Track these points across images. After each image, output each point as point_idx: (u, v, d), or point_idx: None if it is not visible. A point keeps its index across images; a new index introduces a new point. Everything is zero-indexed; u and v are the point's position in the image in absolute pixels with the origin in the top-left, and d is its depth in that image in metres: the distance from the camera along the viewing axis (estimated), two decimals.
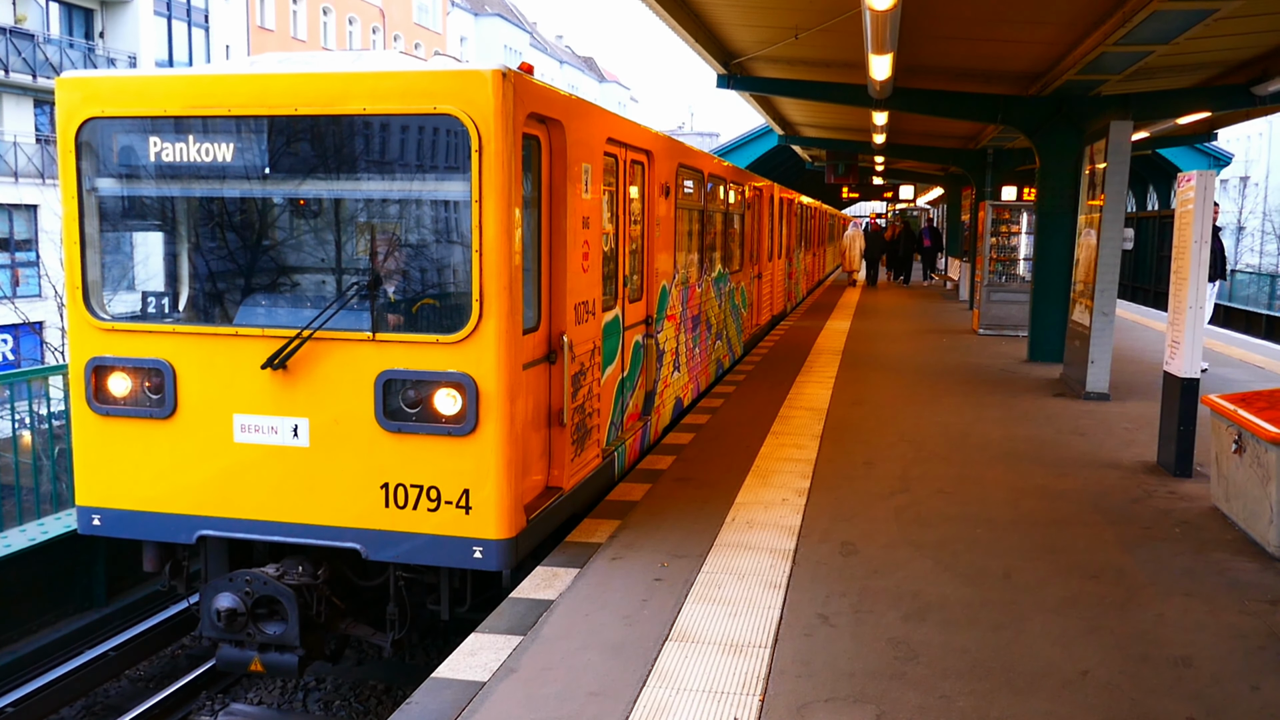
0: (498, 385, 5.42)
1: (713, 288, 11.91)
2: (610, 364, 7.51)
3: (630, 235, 8.15)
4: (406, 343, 5.53)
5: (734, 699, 4.37)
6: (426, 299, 5.89)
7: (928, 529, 6.74)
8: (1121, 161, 11.37)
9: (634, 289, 8.32)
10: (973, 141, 24.47)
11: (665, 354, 9.34)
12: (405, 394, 5.53)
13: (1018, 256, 19.40)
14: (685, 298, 10.20)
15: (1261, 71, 13.76)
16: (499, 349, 5.41)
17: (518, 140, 5.47)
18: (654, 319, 8.79)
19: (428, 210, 5.83)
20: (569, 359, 6.33)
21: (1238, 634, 5.13)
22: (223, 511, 5.81)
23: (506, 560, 5.55)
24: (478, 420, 5.43)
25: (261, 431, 5.71)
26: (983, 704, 4.36)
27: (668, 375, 9.52)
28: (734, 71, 16.13)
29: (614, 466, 7.67)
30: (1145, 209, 36.69)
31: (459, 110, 5.31)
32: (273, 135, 5.70)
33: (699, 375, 11.27)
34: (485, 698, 4.39)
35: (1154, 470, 8.41)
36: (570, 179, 6.34)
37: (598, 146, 6.93)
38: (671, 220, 9.35)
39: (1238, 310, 29.89)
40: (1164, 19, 10.00)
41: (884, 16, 9.42)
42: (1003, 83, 15.27)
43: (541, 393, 6.22)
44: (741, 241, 14.30)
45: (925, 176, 36.73)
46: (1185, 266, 8.22)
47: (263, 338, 5.67)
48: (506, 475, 5.51)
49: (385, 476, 5.59)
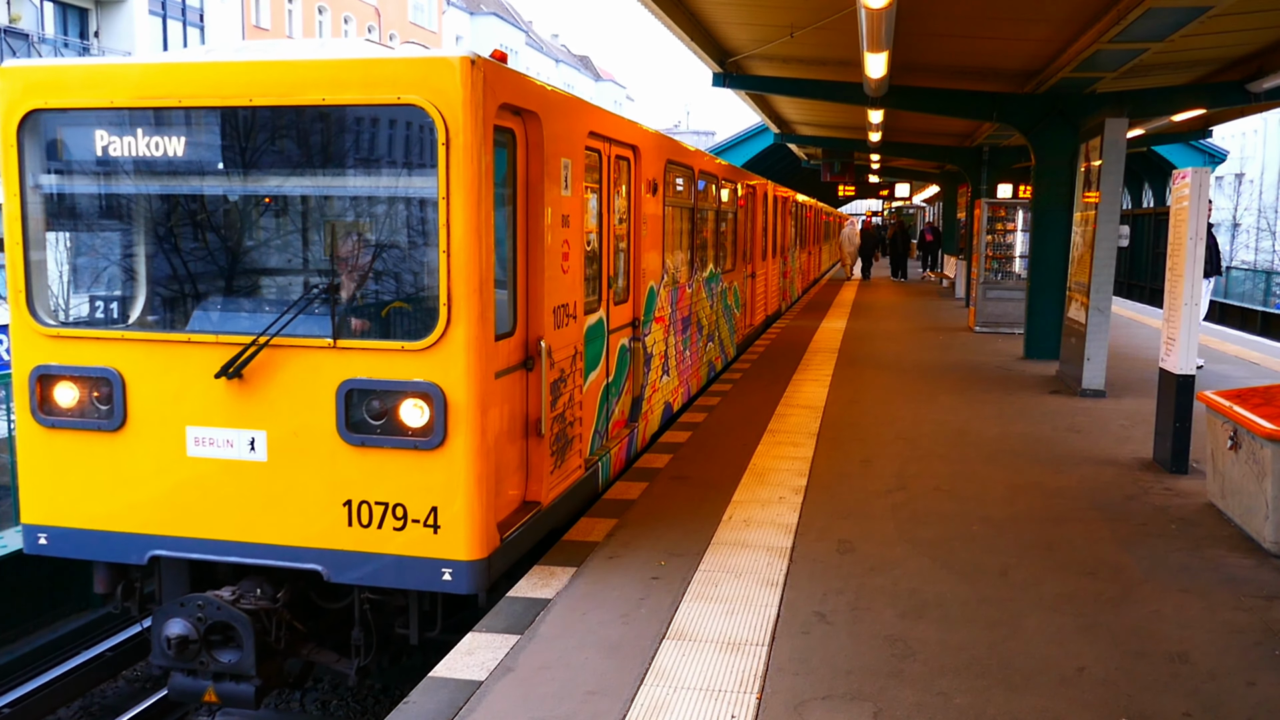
0: (467, 395, 5.08)
1: (704, 288, 11.61)
2: (594, 369, 7.20)
3: (615, 234, 7.84)
4: (370, 350, 5.19)
5: (731, 697, 4.37)
6: (391, 303, 5.56)
7: (925, 527, 6.75)
8: (1116, 159, 11.39)
9: (619, 291, 7.98)
10: (968, 139, 24.49)
11: (653, 358, 9.00)
12: (369, 405, 5.18)
13: (1013, 254, 19.41)
14: (674, 299, 9.89)
15: (1256, 68, 13.78)
16: (468, 357, 5.06)
17: (488, 133, 5.13)
18: (641, 321, 8.45)
19: (393, 208, 5.50)
20: (547, 366, 6.00)
21: (1234, 630, 5.14)
22: (176, 530, 5.44)
23: (478, 582, 5.20)
24: (446, 433, 5.08)
25: (216, 445, 5.34)
26: (980, 701, 4.37)
27: (656, 380, 9.18)
28: (730, 70, 16.13)
29: (598, 477, 7.31)
30: (1141, 206, 36.74)
31: (424, 100, 4.96)
32: (226, 128, 5.37)
33: (689, 379, 10.95)
34: (482, 697, 4.39)
35: (1150, 467, 8.43)
36: (548, 175, 5.98)
37: (578, 141, 6.59)
38: (660, 219, 9.03)
39: (1233, 307, 29.93)
40: (1158, 16, 10.02)
41: (879, 14, 9.42)
42: (998, 80, 15.29)
43: (517, 402, 5.86)
44: (734, 240, 14.02)
45: (921, 174, 36.76)
46: (1181, 263, 8.23)
47: (217, 345, 5.31)
48: (478, 491, 5.16)
49: (348, 493, 5.23)
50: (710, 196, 12.09)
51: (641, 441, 8.68)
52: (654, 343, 9.00)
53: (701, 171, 11.28)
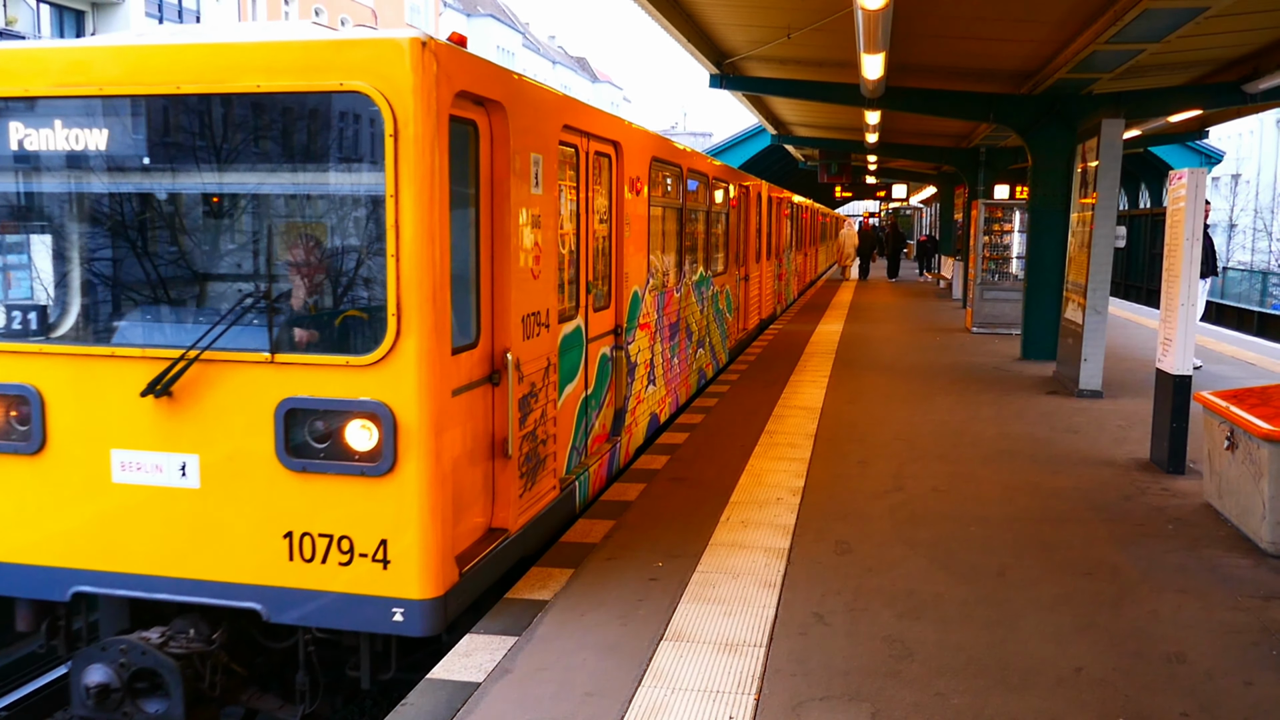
0: (419, 415, 4.59)
1: (693, 292, 11.16)
2: (570, 382, 6.77)
3: (595, 236, 7.36)
4: (311, 365, 4.70)
5: (729, 698, 4.37)
6: (336, 314, 5.03)
7: (922, 527, 6.75)
8: (1113, 159, 11.41)
9: (600, 296, 7.51)
10: (965, 140, 24.51)
11: (638, 367, 8.54)
12: (311, 426, 4.71)
13: (1010, 255, 19.44)
14: (661, 304, 9.41)
15: (1252, 69, 13.81)
16: (420, 372, 4.59)
17: (443, 123, 4.66)
18: (624, 329, 7.98)
19: (337, 208, 5.02)
20: (515, 380, 5.52)
21: (1231, 630, 5.15)
22: (101, 564, 4.94)
23: (433, 623, 4.72)
24: (396, 457, 4.60)
25: (144, 470, 4.86)
26: (977, 701, 4.37)
27: (641, 390, 8.71)
28: (727, 71, 16.14)
29: (575, 498, 6.83)
30: (1137, 207, 36.79)
31: (370, 87, 4.48)
32: (152, 119, 4.86)
33: (678, 387, 10.45)
34: (480, 698, 4.39)
35: (1147, 467, 8.44)
36: (515, 171, 5.49)
37: (551, 135, 6.11)
38: (645, 220, 8.57)
39: (1230, 307, 29.98)
40: (1154, 17, 10.04)
41: (876, 16, 9.43)
42: (995, 81, 15.31)
43: (481, 420, 5.38)
44: (726, 242, 13.63)
45: (918, 175, 36.80)
46: (1177, 264, 8.24)
47: (145, 359, 4.81)
48: (432, 522, 4.67)
49: (288, 524, 4.75)
50: (700, 197, 11.73)
51: (625, 457, 8.23)
52: (638, 351, 8.55)
53: (690, 170, 10.87)
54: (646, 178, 8.59)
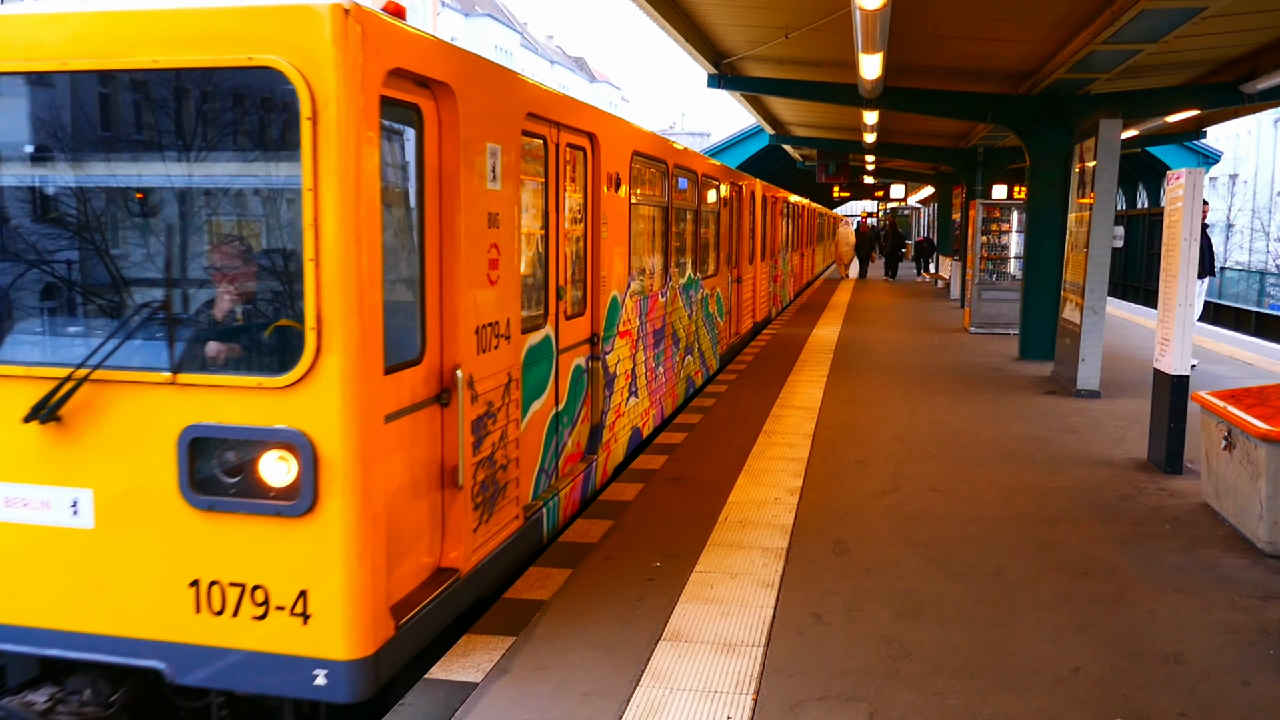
0: (343, 445, 3.98)
1: (680, 296, 10.54)
2: (538, 397, 6.26)
3: (568, 237, 6.83)
4: (219, 387, 4.08)
5: (727, 698, 4.37)
6: (248, 327, 4.39)
7: (920, 527, 6.76)
8: (1111, 159, 11.42)
9: (574, 302, 6.96)
10: (963, 140, 24.54)
11: (617, 378, 7.96)
12: (220, 458, 4.12)
13: (1008, 255, 19.47)
14: (644, 309, 8.84)
15: (1250, 69, 13.83)
16: (344, 395, 3.98)
17: (371, 105, 4.06)
18: (601, 337, 7.43)
19: (248, 203, 4.42)
20: (467, 399, 4.92)
21: (1228, 630, 5.16)
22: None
23: (361, 687, 4.10)
24: (316, 494, 4.00)
25: (30, 506, 4.24)
26: (975, 701, 4.37)
27: (621, 403, 8.11)
28: (725, 71, 16.15)
29: (542, 526, 6.24)
30: (1135, 207, 36.83)
31: (283, 62, 3.86)
32: (35, 100, 4.28)
33: (663, 398, 9.87)
34: (478, 698, 4.39)
35: (1144, 467, 8.45)
36: (468, 164, 4.88)
37: (512, 123, 5.50)
38: (625, 219, 7.99)
39: (1227, 307, 30.03)
40: (1152, 18, 10.06)
41: (874, 16, 9.44)
42: (993, 81, 15.33)
43: (427, 446, 4.78)
44: (717, 243, 13.06)
45: (916, 175, 36.84)
46: (1175, 264, 8.26)
47: (29, 379, 4.19)
48: (359, 569, 4.06)
49: (195, 571, 4.13)
50: (689, 195, 11.21)
51: (602, 476, 7.63)
52: (618, 361, 7.96)
53: (677, 167, 10.25)
54: (628, 174, 8.04)
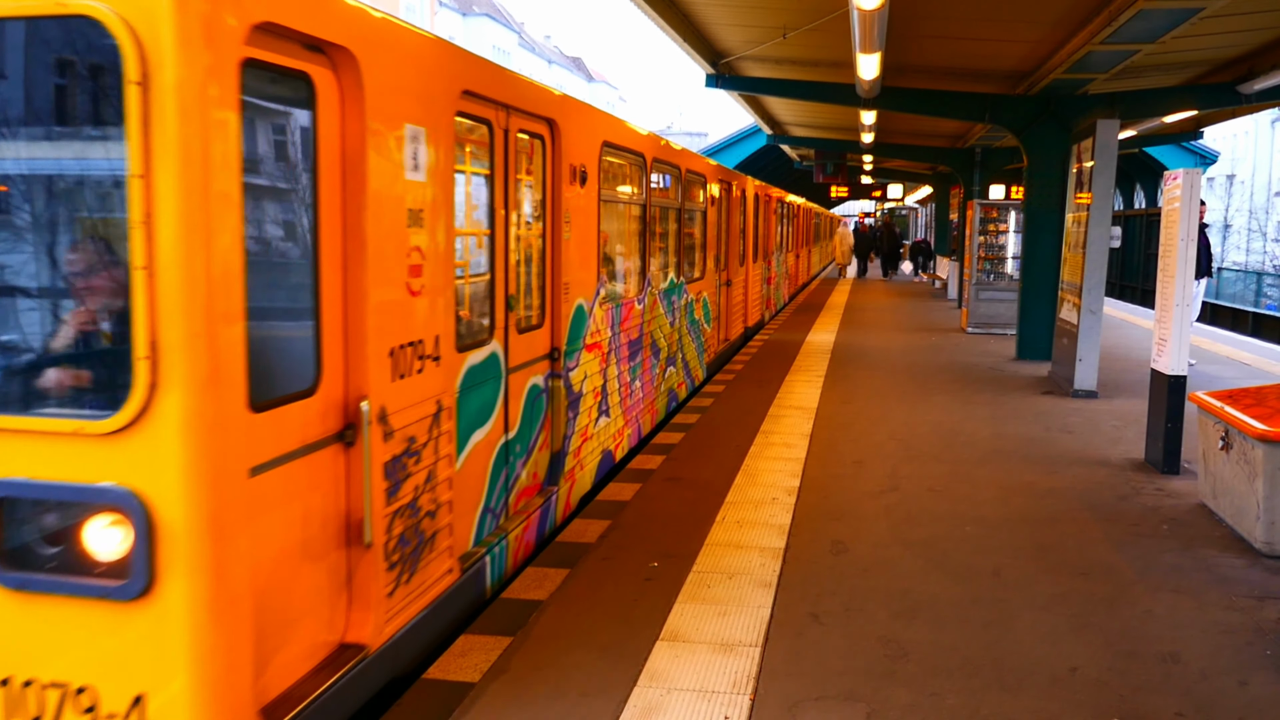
0: (188, 508, 3.12)
1: (660, 302, 9.74)
2: (481, 426, 5.41)
3: (523, 238, 6.08)
4: (29, 433, 3.18)
5: (725, 698, 4.37)
6: (64, 356, 3.47)
7: (917, 527, 6.76)
8: (1108, 160, 11.43)
9: (529, 313, 6.18)
10: (961, 140, 24.55)
11: (584, 396, 7.16)
12: (36, 524, 3.29)
13: (1006, 255, 19.49)
14: (617, 318, 8.01)
15: (1247, 70, 13.85)
16: (188, 443, 3.11)
17: (226, 67, 3.19)
18: (563, 352, 6.61)
19: (60, 193, 3.52)
20: (376, 437, 4.07)
21: (1225, 630, 5.16)
22: None
23: None
24: (153, 572, 3.13)
25: None
26: (973, 701, 4.37)
27: (588, 425, 7.32)
28: (722, 71, 16.15)
29: (484, 576, 5.40)
30: (1132, 207, 36.87)
31: (104, 9, 2.98)
32: None
33: (640, 415, 9.06)
34: (476, 698, 4.38)
35: (1142, 467, 8.45)
36: (378, 148, 4.04)
37: (442, 102, 4.67)
38: (593, 217, 7.17)
39: (1224, 307, 30.07)
40: (1150, 18, 10.06)
41: (871, 16, 9.44)
42: (990, 82, 15.34)
43: (325, 497, 3.90)
44: (704, 244, 12.27)
45: (914, 175, 36.86)
46: (1172, 264, 8.26)
47: None
48: (211, 667, 3.20)
49: (5, 667, 3.27)
50: (672, 192, 10.47)
51: (565, 509, 6.83)
52: (584, 377, 7.16)
53: (658, 161, 9.41)
54: (596, 167, 7.20)
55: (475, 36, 66.88)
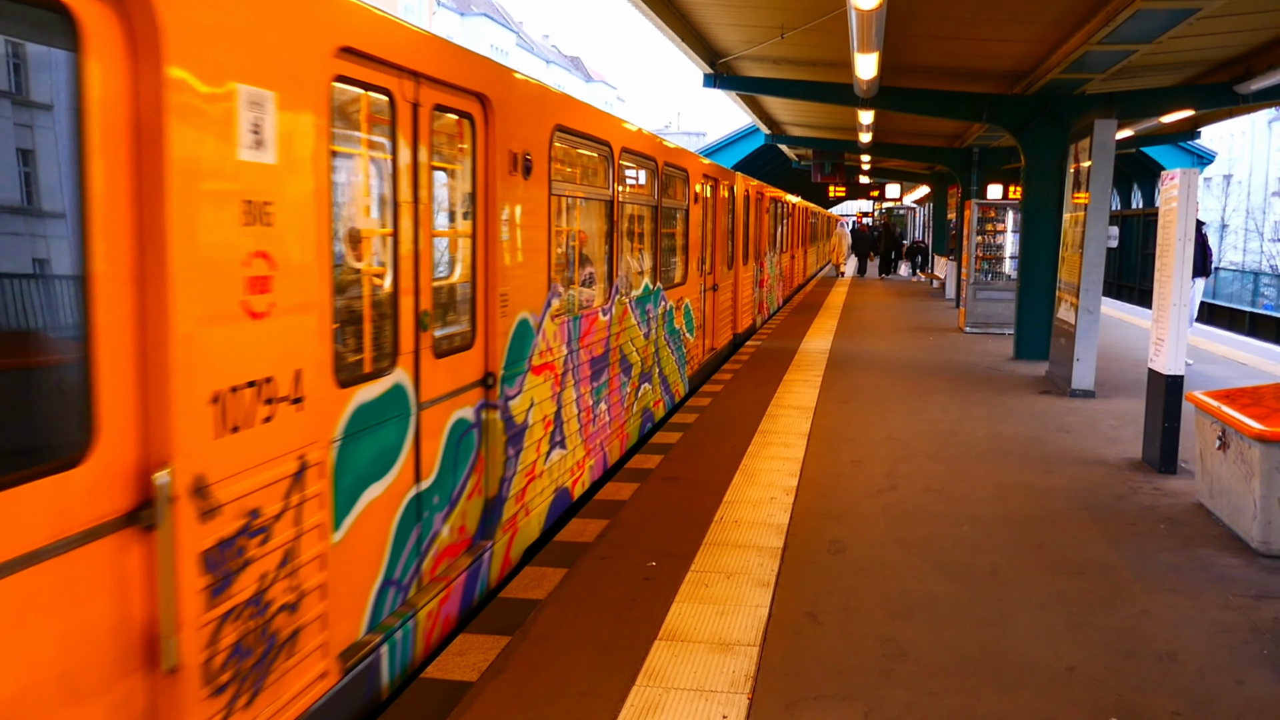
0: None
1: (633, 312, 8.76)
2: (379, 478, 4.31)
3: (443, 240, 5.23)
4: None
5: (723, 697, 4.38)
6: None
7: (915, 527, 6.77)
8: (1106, 160, 11.44)
9: (453, 332, 5.18)
10: (958, 140, 24.57)
11: (531, 427, 6.14)
12: None
13: (1003, 255, 19.51)
14: (575, 332, 7.03)
15: (1244, 70, 13.86)
16: None
17: None
18: (501, 377, 5.55)
19: None
20: (188, 517, 3.05)
21: (1223, 629, 5.17)
22: None
23: None
24: None
25: None
26: (970, 700, 4.38)
27: (537, 461, 6.28)
28: (720, 71, 16.16)
29: (380, 671, 4.34)
30: (1130, 207, 36.90)
31: None
32: None
33: (607, 441, 8.02)
34: (474, 698, 4.39)
35: (1139, 467, 8.46)
36: (189, 116, 3.01)
37: (306, 58, 3.61)
38: (542, 215, 6.17)
39: (1221, 307, 30.11)
40: (1147, 18, 10.08)
41: (869, 16, 9.44)
42: (988, 81, 15.35)
43: (105, 607, 2.83)
44: (686, 246, 11.31)
45: (911, 175, 36.88)
46: (1170, 264, 8.28)
47: None
48: None
49: None
50: (647, 188, 9.49)
51: (505, 564, 5.79)
52: (531, 405, 6.13)
53: (627, 152, 8.34)
54: (546, 154, 6.20)
55: (473, 36, 66.90)
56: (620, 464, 8.43)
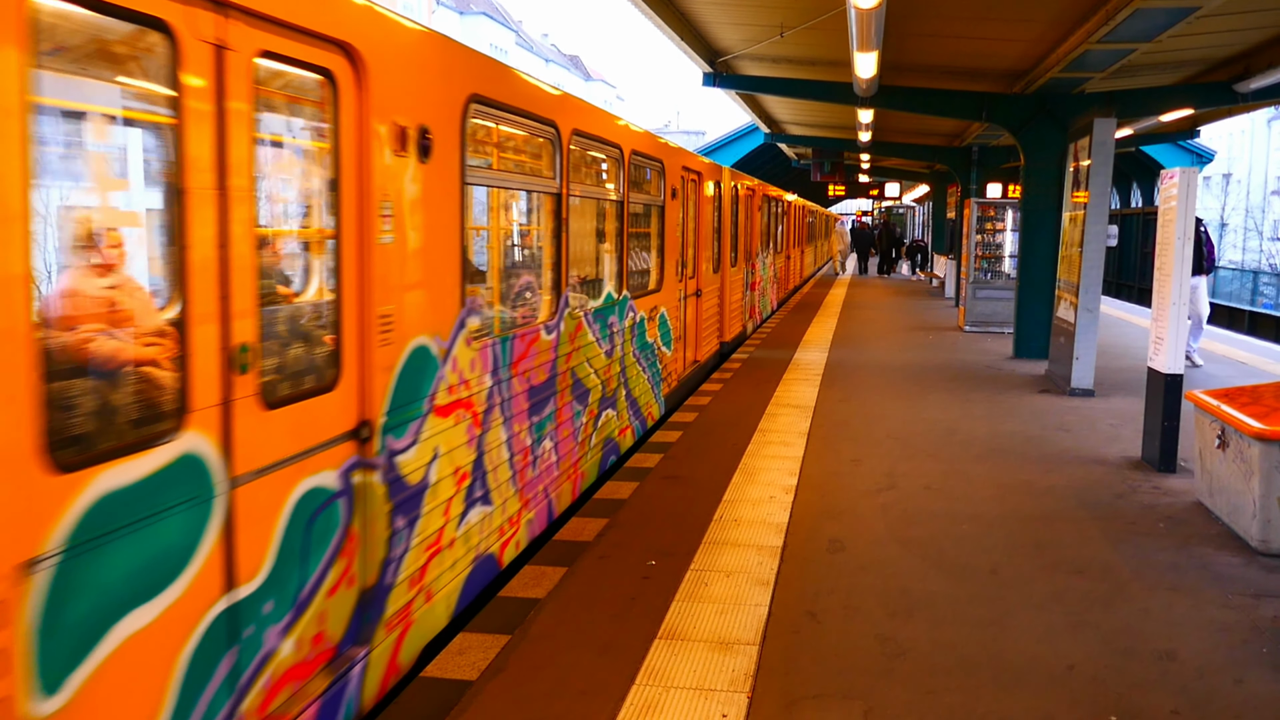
0: None
1: (590, 326, 7.38)
2: (151, 597, 2.97)
3: (285, 239, 4.41)
4: None
5: (722, 696, 4.38)
6: None
7: (915, 525, 6.77)
8: (1105, 159, 11.45)
9: (302, 369, 3.99)
10: (958, 139, 24.57)
11: (436, 485, 4.73)
12: None
13: (1003, 254, 19.51)
14: (504, 357, 5.55)
15: (1243, 69, 13.86)
16: None
17: None
18: (380, 426, 4.20)
19: None
20: None
21: (1222, 628, 5.17)
22: None
23: None
24: None
25: None
26: (970, 699, 4.38)
27: (445, 527, 4.87)
28: (720, 70, 16.16)
29: None
30: (1129, 206, 36.91)
31: None
32: None
33: (554, 486, 6.59)
34: (474, 697, 4.39)
35: (1139, 466, 8.47)
36: None
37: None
38: (454, 210, 4.82)
39: (1221, 306, 30.12)
40: (1146, 17, 10.08)
41: (869, 14, 9.44)
42: (987, 80, 15.35)
43: None
44: (661, 248, 9.98)
45: (911, 174, 36.88)
46: (1169, 263, 8.28)
47: None
48: None
49: None
50: (610, 180, 8.21)
51: (389, 673, 4.38)
52: (435, 456, 4.72)
53: (581, 136, 6.90)
54: (457, 131, 4.83)
55: (473, 35, 66.88)
56: (573, 509, 7.06)
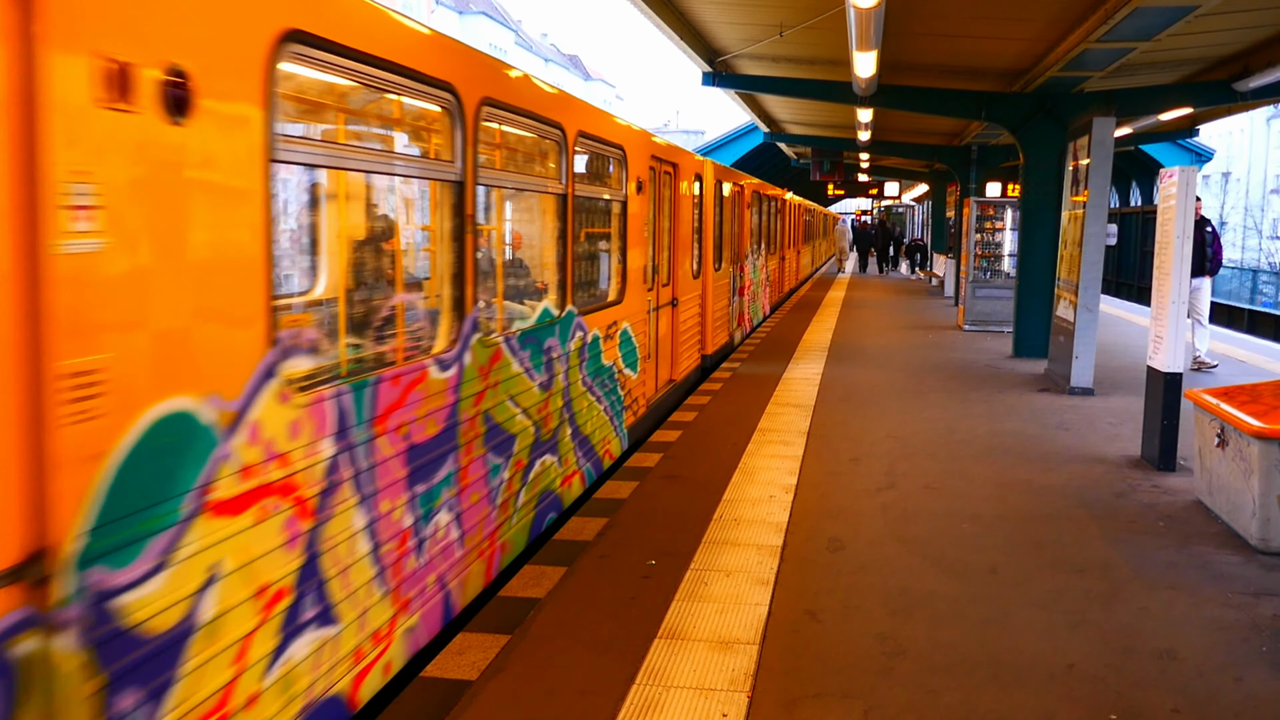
0: None
1: (515, 354, 5.80)
2: None
3: None
4: None
5: (722, 696, 4.38)
6: None
7: (914, 524, 6.77)
8: (1104, 157, 11.45)
9: None
10: (957, 138, 24.56)
11: (210, 626, 3.06)
12: None
13: (1002, 253, 19.51)
14: (361, 409, 3.99)
15: (1243, 67, 13.86)
16: None
17: None
18: (64, 559, 2.51)
19: None
20: None
21: (1221, 626, 5.17)
22: None
23: None
24: None
25: None
26: (970, 698, 4.38)
27: (241, 683, 3.22)
28: (719, 69, 16.15)
29: None
30: (1128, 204, 36.92)
31: None
32: None
33: (452, 572, 4.99)
34: (474, 697, 4.39)
35: (1138, 464, 8.47)
36: None
37: None
38: (251, 197, 3.21)
39: (1220, 305, 30.12)
40: (1145, 16, 10.08)
41: (868, 14, 9.44)
42: (986, 79, 15.35)
43: None
44: (622, 250, 8.39)
45: (910, 173, 36.87)
46: (1168, 262, 8.28)
47: None
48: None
49: None
50: (550, 167, 6.76)
51: None
52: (209, 579, 3.06)
53: (495, 105, 5.31)
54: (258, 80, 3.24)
55: (472, 34, 66.86)
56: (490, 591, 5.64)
